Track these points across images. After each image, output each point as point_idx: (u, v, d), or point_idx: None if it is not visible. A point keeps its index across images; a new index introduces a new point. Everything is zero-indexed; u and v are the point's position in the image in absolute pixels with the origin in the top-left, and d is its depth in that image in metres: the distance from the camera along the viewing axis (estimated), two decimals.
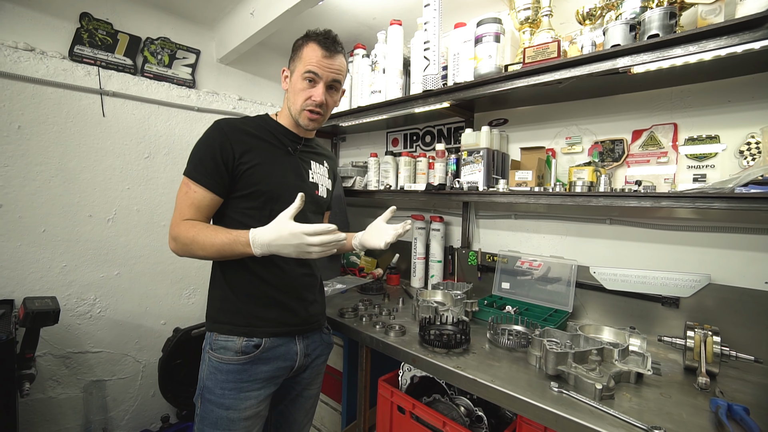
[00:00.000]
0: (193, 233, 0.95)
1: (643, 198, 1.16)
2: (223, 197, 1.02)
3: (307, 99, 1.05)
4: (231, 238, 0.93)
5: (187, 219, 0.99)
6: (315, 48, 1.04)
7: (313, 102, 1.05)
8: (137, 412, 1.98)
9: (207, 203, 1.00)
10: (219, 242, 0.93)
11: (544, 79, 1.24)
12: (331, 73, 1.06)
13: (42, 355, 1.66)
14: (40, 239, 1.66)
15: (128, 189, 1.91)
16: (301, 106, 1.06)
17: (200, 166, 0.99)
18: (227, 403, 1.01)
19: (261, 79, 2.45)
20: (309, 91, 1.05)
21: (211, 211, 1.03)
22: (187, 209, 0.99)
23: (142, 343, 1.98)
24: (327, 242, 0.90)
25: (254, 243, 0.91)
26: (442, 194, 1.70)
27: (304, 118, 1.08)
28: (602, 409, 0.89)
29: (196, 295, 2.18)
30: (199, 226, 0.97)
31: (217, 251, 0.94)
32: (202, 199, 0.99)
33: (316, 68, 1.03)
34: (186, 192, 1.00)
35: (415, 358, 1.21)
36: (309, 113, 1.07)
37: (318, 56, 1.03)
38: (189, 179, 1.00)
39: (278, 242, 0.89)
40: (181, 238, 0.97)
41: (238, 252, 0.93)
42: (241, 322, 1.04)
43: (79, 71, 1.73)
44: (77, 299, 1.77)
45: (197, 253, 0.96)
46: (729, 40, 0.91)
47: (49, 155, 1.67)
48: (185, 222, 0.98)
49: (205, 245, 0.94)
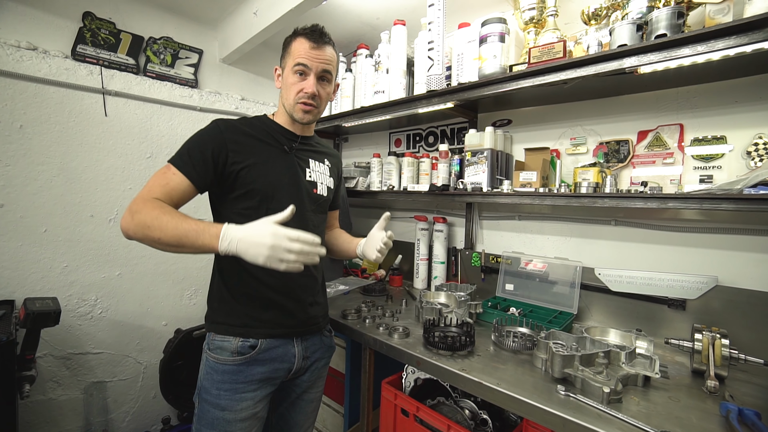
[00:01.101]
0: (158, 212, 0.86)
1: (649, 199, 1.15)
2: (200, 190, 0.99)
3: (299, 92, 1.05)
4: (200, 227, 0.84)
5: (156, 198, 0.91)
6: (302, 41, 1.04)
7: (305, 94, 1.04)
8: (138, 413, 1.97)
9: (181, 190, 0.94)
10: (184, 228, 0.84)
11: (550, 79, 1.23)
12: (321, 63, 1.05)
13: (42, 356, 1.65)
14: (42, 239, 1.65)
15: (130, 189, 1.90)
16: (294, 99, 1.06)
17: (186, 156, 0.96)
18: (223, 404, 1.00)
19: (264, 79, 2.44)
20: (300, 84, 1.05)
21: (181, 201, 0.96)
22: (157, 189, 0.92)
23: (143, 344, 1.97)
24: (306, 252, 0.83)
25: (224, 235, 0.83)
26: (446, 195, 1.69)
27: (298, 111, 1.07)
28: (610, 412, 0.88)
29: (197, 295, 2.16)
30: (168, 209, 0.89)
31: (177, 238, 0.84)
32: (177, 184, 0.94)
33: (305, 59, 1.03)
34: (164, 173, 0.95)
35: (420, 360, 1.19)
36: (303, 105, 1.06)
37: (306, 48, 1.03)
38: (170, 164, 0.96)
39: (251, 239, 0.82)
40: (142, 214, 0.86)
41: (201, 243, 0.84)
42: (237, 322, 1.03)
43: (82, 71, 1.72)
44: (78, 300, 1.76)
45: (152, 235, 0.85)
46: (738, 39, 0.90)
47: (50, 155, 1.66)
48: (153, 200, 0.89)
49: (166, 227, 0.84)
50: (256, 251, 0.81)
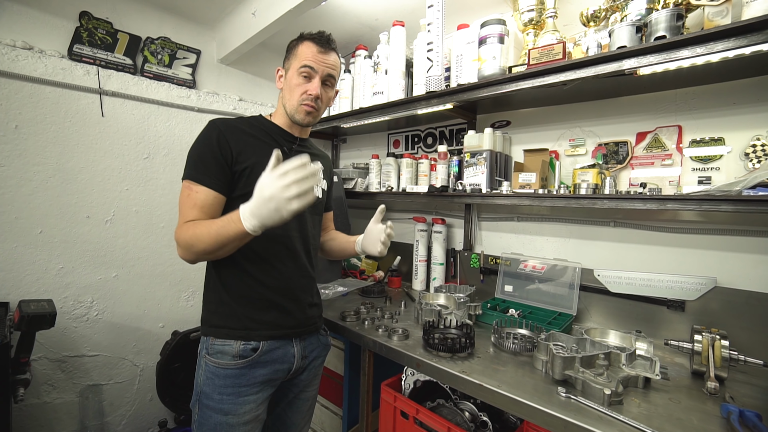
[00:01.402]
0: (192, 230, 0.92)
1: (648, 200, 1.15)
2: (227, 195, 1.00)
3: (303, 93, 1.05)
4: (225, 220, 0.88)
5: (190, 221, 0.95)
6: (310, 45, 1.06)
7: (309, 96, 1.05)
8: (134, 416, 1.95)
9: (211, 203, 0.96)
10: (215, 227, 0.88)
11: (549, 80, 1.23)
12: (326, 67, 1.06)
13: (37, 359, 1.63)
14: (37, 240, 1.63)
15: (127, 190, 1.88)
16: (298, 100, 1.06)
17: (200, 166, 0.97)
18: (226, 408, 0.99)
19: (262, 80, 2.44)
20: (305, 85, 1.05)
21: (216, 211, 0.98)
22: (189, 211, 0.95)
23: (139, 347, 1.95)
24: (300, 178, 0.79)
25: (243, 216, 0.84)
26: (445, 196, 1.69)
27: (300, 113, 1.07)
28: (612, 414, 0.88)
29: (195, 297, 2.15)
30: (200, 222, 0.93)
31: (215, 239, 0.88)
32: (205, 198, 0.96)
33: (312, 62, 1.04)
34: (188, 195, 0.96)
35: (420, 362, 1.19)
36: (306, 107, 1.06)
37: (313, 51, 1.05)
38: (190, 181, 0.97)
39: (259, 204, 0.82)
40: (183, 239, 0.92)
41: (233, 231, 0.86)
42: (237, 325, 1.02)
43: (78, 70, 1.71)
44: (74, 302, 1.74)
45: (199, 247, 0.91)
46: (737, 41, 0.91)
47: (46, 155, 1.64)
48: (186, 223, 0.94)
49: (203, 237, 0.89)
50: (268, 211, 0.81)
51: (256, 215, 0.83)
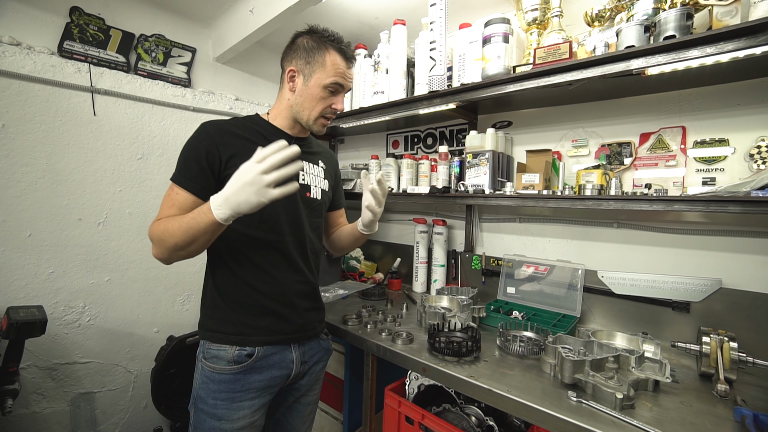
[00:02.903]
0: (164, 224, 0.91)
1: (655, 201, 1.14)
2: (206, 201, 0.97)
3: (328, 107, 1.06)
4: (196, 211, 0.87)
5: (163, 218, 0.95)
6: (339, 59, 1.03)
7: (334, 111, 1.07)
8: (128, 425, 1.90)
9: (189, 206, 0.94)
10: (186, 220, 0.87)
11: (556, 80, 1.21)
12: (350, 82, 1.08)
13: (26, 368, 1.57)
14: (26, 244, 1.57)
15: (120, 191, 1.83)
16: (319, 113, 1.06)
17: (184, 170, 0.96)
18: (219, 414, 0.98)
19: (258, 79, 2.39)
20: (331, 99, 1.05)
21: None
22: (167, 210, 0.95)
23: (133, 353, 1.89)
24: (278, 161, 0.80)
25: (213, 204, 0.84)
26: (447, 197, 1.67)
27: (318, 125, 1.08)
28: (625, 419, 0.86)
29: (190, 301, 2.10)
30: (172, 218, 0.92)
31: (185, 231, 0.87)
32: (184, 201, 0.95)
33: (343, 80, 1.04)
34: (169, 195, 0.97)
35: (426, 366, 1.16)
36: (325, 120, 1.08)
37: (344, 66, 1.04)
38: (173, 183, 0.97)
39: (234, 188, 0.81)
40: (155, 234, 0.92)
41: (203, 222, 0.85)
42: (232, 330, 1.01)
43: (69, 68, 1.65)
44: (65, 307, 1.68)
45: (170, 242, 0.89)
46: (748, 41, 0.90)
47: (35, 155, 1.59)
48: (158, 221, 0.94)
49: (173, 230, 0.88)
50: (245, 197, 0.81)
51: (230, 202, 0.82)
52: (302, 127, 1.10)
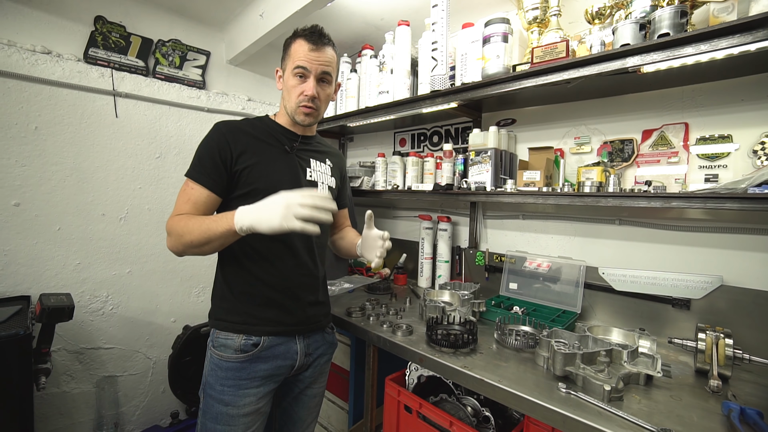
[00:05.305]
0: (186, 221, 0.96)
1: (653, 198, 1.14)
2: (221, 196, 1.04)
3: (300, 95, 1.07)
4: (218, 216, 0.93)
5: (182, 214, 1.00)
6: (301, 43, 1.05)
7: (305, 97, 1.06)
8: (148, 407, 2.02)
9: (204, 200, 1.01)
10: (207, 221, 0.93)
11: (553, 79, 1.23)
12: (320, 65, 1.06)
13: (57, 351, 1.70)
14: (56, 237, 1.70)
15: (140, 188, 1.94)
16: (295, 102, 1.07)
17: (198, 166, 1.02)
18: (226, 399, 1.02)
19: (270, 80, 2.48)
20: (300, 86, 1.06)
21: (208, 209, 1.03)
22: (183, 205, 1.01)
23: (152, 340, 2.01)
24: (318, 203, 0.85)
25: (238, 213, 0.90)
26: (450, 194, 1.70)
27: (299, 114, 1.09)
28: (611, 410, 0.88)
29: (205, 293, 2.21)
30: (193, 216, 0.98)
31: (204, 232, 0.93)
32: (199, 196, 1.00)
33: (305, 62, 1.04)
34: (185, 190, 1.02)
35: (423, 357, 1.21)
36: (304, 108, 1.08)
37: (305, 50, 1.04)
38: (189, 179, 1.02)
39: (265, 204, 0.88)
40: (174, 229, 0.97)
41: (221, 227, 0.91)
42: (238, 320, 1.05)
43: (94, 73, 1.77)
44: (90, 296, 1.81)
45: (187, 239, 0.95)
46: (742, 38, 0.90)
47: (64, 155, 1.71)
48: (177, 216, 0.99)
49: (194, 228, 0.94)
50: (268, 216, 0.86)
51: (253, 215, 0.88)
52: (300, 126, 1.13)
